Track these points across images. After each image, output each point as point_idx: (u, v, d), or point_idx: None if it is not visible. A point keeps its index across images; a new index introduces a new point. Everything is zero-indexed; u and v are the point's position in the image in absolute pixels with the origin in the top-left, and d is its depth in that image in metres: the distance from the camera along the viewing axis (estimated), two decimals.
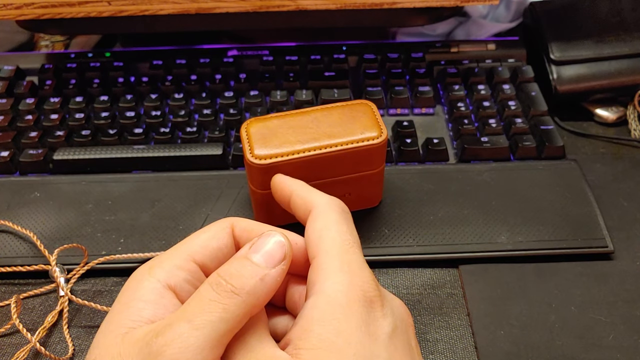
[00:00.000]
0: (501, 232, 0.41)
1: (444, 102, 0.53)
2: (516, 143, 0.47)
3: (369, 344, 0.24)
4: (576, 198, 0.43)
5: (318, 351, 0.23)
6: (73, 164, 0.46)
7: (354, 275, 0.25)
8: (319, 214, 0.29)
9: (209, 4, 0.50)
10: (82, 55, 0.57)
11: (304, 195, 0.31)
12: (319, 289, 0.25)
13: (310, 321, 0.24)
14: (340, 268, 0.26)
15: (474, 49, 0.56)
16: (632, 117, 0.52)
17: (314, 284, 0.26)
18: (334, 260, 0.26)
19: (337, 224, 0.28)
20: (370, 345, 0.24)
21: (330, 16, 0.54)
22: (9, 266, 0.39)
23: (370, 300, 0.25)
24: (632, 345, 0.35)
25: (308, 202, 0.30)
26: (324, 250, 0.27)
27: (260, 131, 0.37)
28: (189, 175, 0.46)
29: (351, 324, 0.24)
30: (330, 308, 0.24)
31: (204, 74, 0.55)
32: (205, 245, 0.27)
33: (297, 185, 0.32)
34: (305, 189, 0.32)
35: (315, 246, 0.27)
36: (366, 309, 0.25)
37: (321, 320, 0.24)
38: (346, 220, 0.28)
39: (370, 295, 0.25)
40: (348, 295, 0.25)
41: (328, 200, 0.29)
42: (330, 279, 0.25)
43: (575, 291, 0.38)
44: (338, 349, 0.23)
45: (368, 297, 0.25)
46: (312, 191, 0.31)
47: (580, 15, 0.54)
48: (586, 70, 0.52)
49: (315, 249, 0.27)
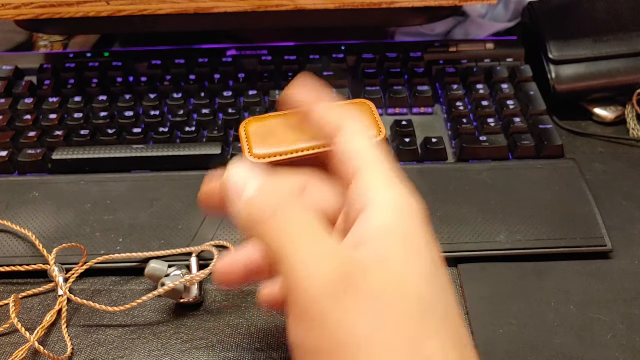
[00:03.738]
0: (500, 231, 0.41)
1: (442, 102, 0.53)
2: (515, 142, 0.47)
3: (433, 250, 0.23)
4: (575, 197, 0.43)
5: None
6: (72, 163, 0.46)
7: (405, 188, 0.24)
8: (354, 133, 0.27)
9: (208, 4, 0.50)
10: (80, 55, 0.57)
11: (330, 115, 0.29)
12: (376, 201, 0.24)
13: (376, 229, 0.23)
14: (393, 181, 0.25)
15: (472, 48, 0.56)
16: (631, 116, 0.52)
17: (366, 196, 0.24)
18: (383, 174, 0.25)
19: (372, 145, 0.27)
20: (433, 251, 0.23)
21: (329, 16, 0.54)
22: (8, 266, 0.39)
23: (423, 212, 0.24)
24: (631, 344, 0.35)
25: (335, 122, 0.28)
26: (369, 166, 0.25)
27: (259, 130, 0.37)
28: (187, 174, 0.46)
29: (418, 232, 0.23)
30: (396, 216, 0.23)
31: (203, 73, 0.55)
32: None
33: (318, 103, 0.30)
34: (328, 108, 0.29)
35: (356, 162, 0.26)
36: (423, 219, 0.24)
37: (389, 226, 0.23)
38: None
39: (421, 208, 0.24)
40: (410, 206, 0.24)
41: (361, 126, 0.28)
42: (387, 190, 0.24)
43: (574, 290, 0.38)
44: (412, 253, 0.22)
45: (421, 208, 0.24)
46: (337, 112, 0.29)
47: (578, 15, 0.54)
48: (585, 70, 0.52)
49: (357, 164, 0.26)
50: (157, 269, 0.37)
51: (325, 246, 0.22)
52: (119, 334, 0.37)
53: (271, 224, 0.23)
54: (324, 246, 0.22)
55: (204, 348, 0.36)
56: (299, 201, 0.24)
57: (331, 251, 0.22)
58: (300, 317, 0.21)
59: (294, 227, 0.23)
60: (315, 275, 0.21)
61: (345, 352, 0.20)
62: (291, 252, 0.22)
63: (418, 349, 0.20)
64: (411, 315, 0.21)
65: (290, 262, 0.22)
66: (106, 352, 0.35)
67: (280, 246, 0.22)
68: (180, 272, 0.38)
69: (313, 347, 0.21)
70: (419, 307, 0.21)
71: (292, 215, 0.23)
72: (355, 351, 0.20)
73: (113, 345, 0.36)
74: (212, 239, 0.41)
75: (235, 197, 0.25)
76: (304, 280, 0.21)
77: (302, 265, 0.21)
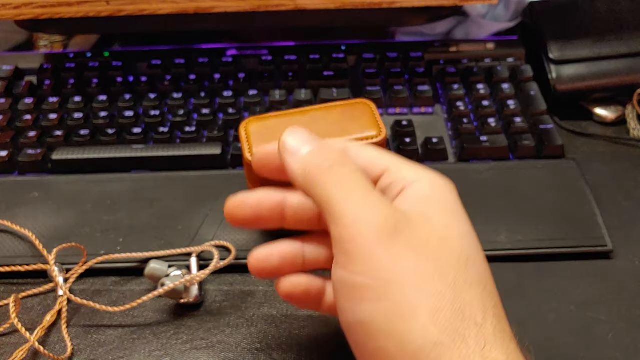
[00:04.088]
0: (500, 232, 0.41)
1: (443, 102, 0.52)
2: (515, 142, 0.47)
3: (467, 217, 0.27)
4: (575, 197, 0.43)
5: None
6: (72, 163, 0.46)
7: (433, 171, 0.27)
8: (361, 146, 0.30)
9: (208, 4, 0.50)
10: (80, 55, 0.57)
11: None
12: (414, 180, 0.27)
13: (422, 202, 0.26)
14: (422, 167, 0.28)
15: (473, 48, 0.56)
16: (631, 116, 0.52)
17: (404, 179, 0.27)
18: (411, 164, 0.28)
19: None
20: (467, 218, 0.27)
21: (329, 16, 0.54)
22: (8, 266, 0.39)
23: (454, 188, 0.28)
24: (632, 344, 0.35)
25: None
26: (395, 162, 0.28)
27: (259, 130, 0.37)
28: (187, 174, 0.46)
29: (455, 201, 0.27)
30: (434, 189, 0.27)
31: (203, 73, 0.55)
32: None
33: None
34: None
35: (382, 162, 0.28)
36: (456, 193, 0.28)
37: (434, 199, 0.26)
38: None
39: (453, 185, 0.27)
40: (445, 182, 0.27)
41: None
42: (422, 172, 0.27)
43: (574, 290, 0.38)
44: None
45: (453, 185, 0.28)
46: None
47: (579, 15, 0.54)
48: (585, 70, 0.52)
49: (382, 163, 0.28)
50: (157, 269, 0.37)
51: (375, 197, 0.24)
52: (119, 334, 0.37)
53: (328, 175, 0.25)
54: (374, 197, 0.24)
55: (204, 348, 0.35)
56: (350, 160, 0.26)
57: (381, 202, 0.24)
58: (350, 256, 0.23)
59: (349, 178, 0.25)
60: (368, 219, 0.23)
61: (390, 288, 0.22)
62: (345, 199, 0.24)
63: (459, 295, 0.22)
64: (452, 265, 0.23)
65: (344, 208, 0.24)
66: (106, 352, 0.35)
67: (335, 194, 0.24)
68: (180, 272, 0.38)
69: (359, 283, 0.23)
70: (459, 260, 0.23)
71: (346, 169, 0.25)
72: (400, 288, 0.22)
73: (113, 346, 0.36)
74: (212, 239, 0.41)
75: (292, 153, 0.27)
76: (357, 223, 0.23)
77: (356, 210, 0.24)
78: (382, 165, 0.28)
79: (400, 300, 0.22)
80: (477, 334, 0.22)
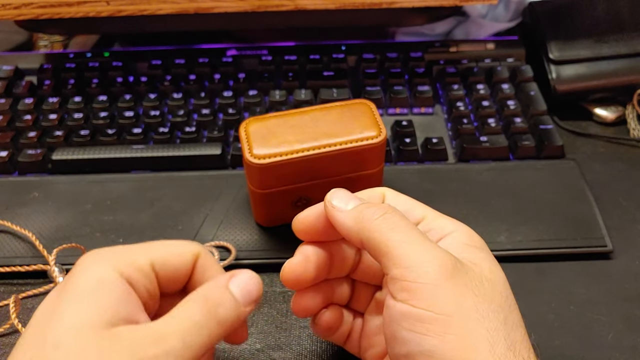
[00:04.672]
0: (500, 232, 0.41)
1: (443, 102, 0.52)
2: (515, 142, 0.47)
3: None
4: (575, 197, 0.43)
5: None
6: (72, 164, 0.46)
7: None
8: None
9: (208, 4, 0.50)
10: (80, 55, 0.57)
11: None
12: (451, 228, 0.29)
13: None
14: (455, 220, 0.30)
15: (473, 48, 0.56)
16: (631, 116, 0.52)
17: (440, 228, 0.29)
18: (445, 216, 0.30)
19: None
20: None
21: (329, 16, 0.54)
22: (8, 266, 0.39)
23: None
24: (632, 345, 0.35)
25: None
26: (429, 211, 0.30)
27: (259, 131, 0.37)
28: (187, 175, 0.46)
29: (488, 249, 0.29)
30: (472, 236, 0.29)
31: (203, 73, 0.55)
32: (168, 260, 0.27)
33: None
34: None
35: (418, 210, 0.30)
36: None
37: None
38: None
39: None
40: (479, 236, 0.30)
41: None
42: (453, 222, 0.30)
43: (575, 290, 0.38)
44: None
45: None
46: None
47: (579, 15, 0.54)
48: (585, 70, 0.52)
49: (420, 212, 0.30)
50: None
51: (430, 242, 0.27)
52: None
53: (382, 222, 0.27)
54: (430, 242, 0.26)
55: None
56: (398, 210, 0.28)
57: (437, 247, 0.26)
58: (414, 293, 0.25)
59: (403, 225, 0.27)
60: (430, 260, 0.25)
61: (455, 322, 0.24)
62: (405, 242, 0.26)
63: (510, 333, 0.25)
64: (502, 306, 0.26)
65: (405, 251, 0.26)
66: None
67: (393, 238, 0.26)
68: None
69: (425, 316, 0.24)
70: (507, 302, 0.26)
71: (397, 216, 0.27)
72: (464, 322, 0.24)
73: None
74: (212, 239, 0.41)
75: (340, 209, 0.29)
76: (420, 264, 0.25)
77: (418, 252, 0.26)
78: (419, 213, 0.30)
79: (464, 333, 0.24)
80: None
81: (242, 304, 0.26)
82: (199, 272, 0.28)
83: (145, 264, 0.26)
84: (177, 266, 0.27)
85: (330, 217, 0.29)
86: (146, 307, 0.26)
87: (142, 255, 0.26)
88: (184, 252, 0.28)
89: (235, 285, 0.26)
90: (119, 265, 0.25)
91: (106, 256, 0.26)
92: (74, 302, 0.23)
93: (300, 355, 0.35)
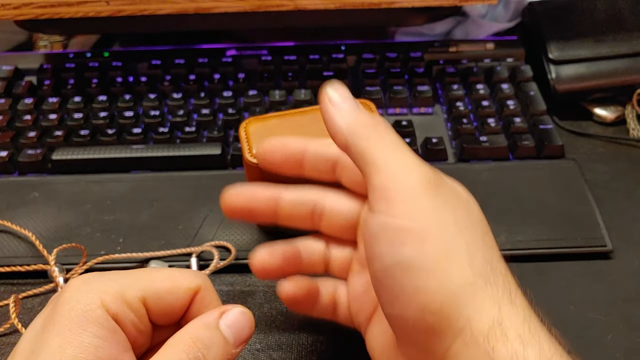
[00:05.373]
0: (500, 232, 0.41)
1: (442, 102, 0.53)
2: (515, 142, 0.47)
3: None
4: (575, 197, 0.43)
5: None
6: (72, 163, 0.46)
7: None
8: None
9: (208, 4, 0.50)
10: (80, 55, 0.57)
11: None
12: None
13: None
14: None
15: (472, 48, 0.56)
16: (631, 116, 0.52)
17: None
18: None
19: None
20: None
21: (329, 16, 0.54)
22: (8, 266, 0.39)
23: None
24: (631, 345, 0.35)
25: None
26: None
27: (259, 131, 0.37)
28: (187, 175, 0.46)
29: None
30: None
31: (203, 73, 0.55)
32: (162, 295, 0.25)
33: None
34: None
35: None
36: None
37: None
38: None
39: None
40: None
41: None
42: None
43: (574, 290, 0.38)
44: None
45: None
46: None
47: (578, 15, 0.54)
48: (585, 70, 0.52)
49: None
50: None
51: (415, 155, 0.27)
52: None
53: (373, 130, 0.27)
54: (415, 155, 0.27)
55: None
56: (390, 125, 0.28)
57: (421, 160, 0.27)
58: (393, 203, 0.25)
59: (392, 137, 0.27)
60: (413, 170, 0.26)
61: (434, 232, 0.24)
62: (391, 151, 0.26)
63: (487, 250, 0.25)
64: (479, 224, 0.26)
65: (390, 159, 0.26)
66: None
67: (381, 146, 0.27)
68: None
69: (404, 226, 0.24)
70: (482, 222, 0.27)
71: (390, 129, 0.28)
72: (443, 233, 0.24)
73: None
74: (212, 239, 0.41)
75: (336, 105, 0.28)
76: (403, 173, 0.25)
77: (402, 162, 0.26)
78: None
79: (443, 243, 0.24)
80: (503, 282, 0.25)
81: (233, 345, 0.25)
82: (196, 307, 0.26)
83: (135, 299, 0.24)
84: (172, 302, 0.25)
85: (324, 111, 0.29)
86: (135, 342, 0.24)
87: (133, 288, 0.24)
88: (180, 287, 0.26)
89: (225, 325, 0.25)
90: (106, 300, 0.23)
91: (95, 286, 0.24)
92: (57, 336, 0.22)
93: (300, 355, 0.35)
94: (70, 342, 0.22)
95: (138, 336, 0.25)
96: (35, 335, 0.23)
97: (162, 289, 0.25)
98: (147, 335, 0.25)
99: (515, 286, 0.25)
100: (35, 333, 0.23)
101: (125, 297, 0.24)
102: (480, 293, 0.24)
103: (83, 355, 0.22)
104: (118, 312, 0.23)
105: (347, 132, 0.27)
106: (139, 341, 0.25)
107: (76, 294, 0.23)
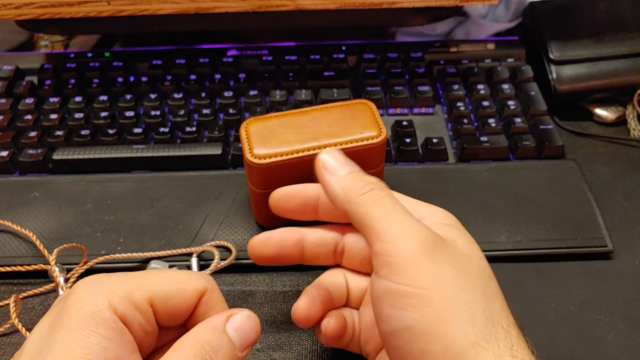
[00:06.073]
0: (500, 232, 0.41)
1: (443, 102, 0.53)
2: (515, 143, 0.47)
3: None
4: (575, 197, 0.43)
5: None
6: (72, 163, 0.46)
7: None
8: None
9: (208, 4, 0.50)
10: (81, 55, 0.57)
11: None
12: (428, 211, 0.30)
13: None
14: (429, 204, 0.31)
15: (473, 48, 0.56)
16: (631, 116, 0.52)
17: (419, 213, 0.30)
18: (420, 201, 0.31)
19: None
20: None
21: (330, 16, 0.54)
22: (9, 266, 0.39)
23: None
24: (632, 345, 0.35)
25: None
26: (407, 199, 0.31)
27: (260, 131, 0.37)
28: (188, 175, 0.46)
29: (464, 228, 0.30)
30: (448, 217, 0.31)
31: (204, 73, 0.55)
32: (169, 297, 0.25)
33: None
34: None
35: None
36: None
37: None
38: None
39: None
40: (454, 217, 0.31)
41: None
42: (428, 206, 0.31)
43: (575, 290, 0.38)
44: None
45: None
46: None
47: (579, 15, 0.54)
48: (585, 70, 0.52)
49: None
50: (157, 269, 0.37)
51: (413, 219, 0.27)
52: None
53: (370, 196, 0.28)
54: (413, 219, 0.27)
55: None
56: (386, 187, 0.29)
57: (419, 223, 0.27)
58: (394, 268, 0.26)
59: (389, 201, 0.28)
60: (411, 236, 0.26)
61: (434, 296, 0.25)
62: (388, 218, 0.27)
63: (488, 304, 0.26)
64: (480, 279, 0.27)
65: (387, 226, 0.27)
66: None
67: (378, 213, 0.27)
68: None
69: (405, 291, 0.25)
70: (484, 275, 0.27)
71: (384, 193, 0.28)
72: (443, 296, 0.25)
73: None
74: (213, 239, 0.41)
75: (332, 172, 0.29)
76: (401, 239, 0.26)
77: (399, 228, 0.27)
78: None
79: (443, 306, 0.25)
80: (505, 337, 0.25)
81: (239, 349, 0.25)
82: (202, 309, 0.26)
83: (142, 300, 0.24)
84: (179, 304, 0.26)
85: (320, 177, 0.29)
86: (141, 343, 0.25)
87: (141, 289, 0.25)
88: (187, 289, 0.26)
89: (232, 328, 0.25)
90: (114, 300, 0.23)
91: (103, 288, 0.24)
92: (65, 337, 0.22)
93: (300, 355, 0.35)
94: (79, 343, 0.22)
95: (145, 337, 0.25)
96: (43, 336, 0.23)
97: (170, 291, 0.25)
98: (153, 337, 0.26)
99: (517, 337, 0.25)
100: (42, 334, 0.24)
101: (133, 298, 0.24)
102: (482, 352, 0.24)
103: (91, 357, 0.22)
104: (126, 314, 0.24)
105: (344, 198, 0.28)
106: (145, 342, 0.25)
107: (84, 295, 0.24)
